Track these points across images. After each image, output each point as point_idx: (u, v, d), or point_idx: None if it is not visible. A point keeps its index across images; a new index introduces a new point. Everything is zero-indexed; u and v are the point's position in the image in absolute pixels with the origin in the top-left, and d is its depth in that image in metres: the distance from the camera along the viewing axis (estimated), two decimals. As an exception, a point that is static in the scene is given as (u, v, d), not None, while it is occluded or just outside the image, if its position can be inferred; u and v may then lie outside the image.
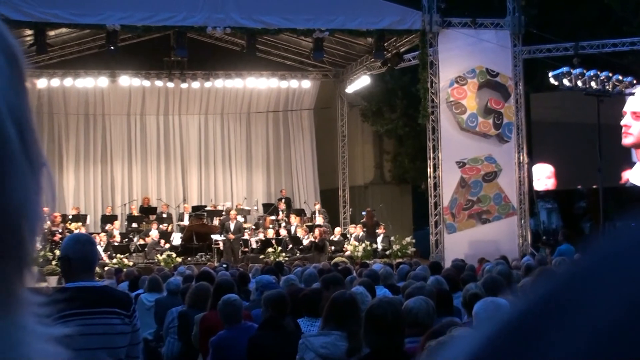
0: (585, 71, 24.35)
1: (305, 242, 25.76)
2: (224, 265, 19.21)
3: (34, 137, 0.76)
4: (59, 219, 25.55)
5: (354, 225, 28.46)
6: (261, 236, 26.51)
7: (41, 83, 28.42)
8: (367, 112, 32.58)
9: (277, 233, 26.79)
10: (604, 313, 0.52)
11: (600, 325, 0.52)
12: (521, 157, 24.56)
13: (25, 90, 0.77)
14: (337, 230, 27.53)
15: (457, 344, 0.58)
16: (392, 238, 26.52)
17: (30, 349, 0.73)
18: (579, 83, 24.33)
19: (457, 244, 23.45)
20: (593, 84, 24.30)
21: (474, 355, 0.56)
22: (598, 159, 22.58)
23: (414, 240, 26.80)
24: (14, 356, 0.72)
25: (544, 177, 29.03)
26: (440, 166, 24.15)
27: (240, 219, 26.15)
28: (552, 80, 24.82)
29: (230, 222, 25.43)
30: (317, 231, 25.73)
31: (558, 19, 29.73)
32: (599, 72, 24.48)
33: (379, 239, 26.50)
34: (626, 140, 27.14)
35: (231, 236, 25.03)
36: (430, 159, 24.52)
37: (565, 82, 24.37)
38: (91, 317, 4.88)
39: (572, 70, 24.38)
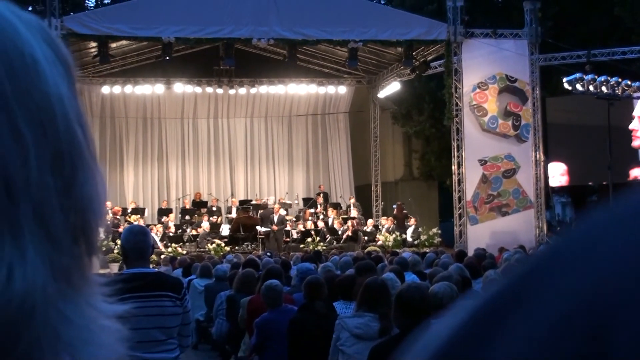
0: (596, 77, 24.14)
1: (340, 233, 25.77)
2: (269, 254, 19.26)
3: (92, 137, 0.79)
4: (119, 212, 25.77)
5: (385, 217, 28.42)
6: (301, 227, 26.53)
7: (104, 90, 28.70)
8: (397, 115, 32.52)
9: (316, 225, 26.79)
10: (552, 307, 0.51)
11: (547, 319, 0.50)
12: (538, 156, 24.40)
13: (78, 95, 0.80)
14: (370, 221, 27.48)
15: (427, 336, 0.58)
16: (420, 229, 26.46)
17: (97, 325, 0.76)
18: (591, 88, 24.12)
19: (479, 235, 23.35)
20: (604, 88, 24.09)
21: (435, 350, 0.56)
22: (608, 158, 22.40)
23: (439, 231, 26.71)
24: (89, 330, 0.75)
25: (558, 174, 28.85)
26: (463, 164, 24.06)
27: (283, 211, 26.16)
28: (566, 85, 24.63)
29: (274, 214, 25.44)
30: (350, 223, 25.74)
31: (572, 29, 29.51)
32: (609, 78, 24.26)
33: (410, 230, 26.41)
34: (635, 143, 26.91)
35: (275, 227, 25.04)
36: (454, 157, 24.43)
37: (578, 87, 24.17)
38: (146, 299, 4.93)
39: (584, 76, 24.17)
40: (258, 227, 25.51)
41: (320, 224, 26.77)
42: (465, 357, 0.54)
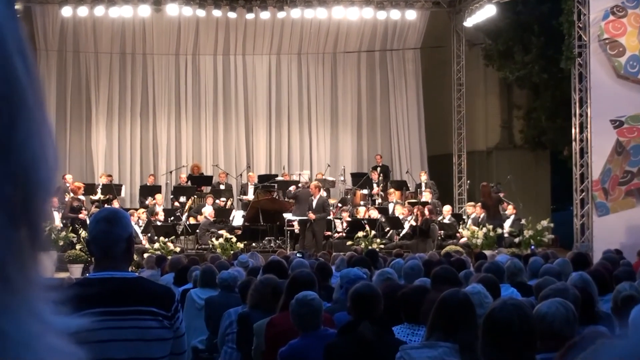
0: None
1: (406, 225, 25.70)
2: (299, 255, 19.26)
3: (37, 74, 0.79)
4: (81, 190, 25.55)
5: (472, 203, 28.21)
6: (348, 216, 26.54)
7: (65, 12, 28.73)
8: (491, 53, 32.43)
9: (370, 212, 26.81)
10: None
11: None
12: (699, 115, 24.25)
13: (18, 17, 0.80)
14: (447, 209, 27.19)
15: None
16: (523, 221, 26.27)
17: (43, 344, 0.76)
18: None
19: (611, 231, 23.25)
20: None
21: None
22: None
23: (552, 225, 26.56)
24: (32, 349, 0.75)
25: None
26: (589, 126, 23.94)
27: (324, 193, 26.09)
28: None
29: (312, 197, 25.25)
30: (420, 210, 25.40)
31: None
32: None
33: (508, 223, 26.23)
34: None
35: (311, 215, 24.92)
36: (575, 116, 24.32)
37: None
38: (118, 318, 4.87)
39: None
40: (286, 215, 25.57)
41: (376, 213, 26.78)
42: None
